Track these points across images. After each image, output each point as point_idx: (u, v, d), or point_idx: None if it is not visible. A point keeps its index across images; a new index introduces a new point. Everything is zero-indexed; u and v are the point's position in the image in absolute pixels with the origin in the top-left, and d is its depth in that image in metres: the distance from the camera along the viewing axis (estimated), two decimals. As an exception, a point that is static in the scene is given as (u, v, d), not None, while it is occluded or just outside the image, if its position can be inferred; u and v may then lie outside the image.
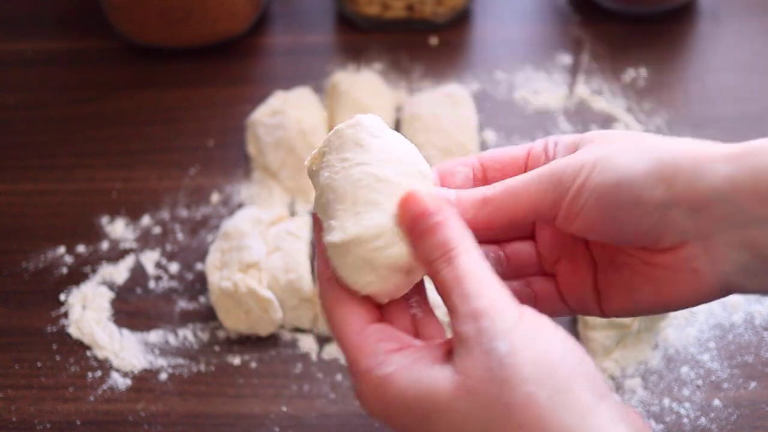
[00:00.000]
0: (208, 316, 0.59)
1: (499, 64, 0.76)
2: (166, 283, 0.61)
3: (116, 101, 0.74)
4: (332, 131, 0.41)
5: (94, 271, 0.62)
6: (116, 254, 0.63)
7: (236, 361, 0.57)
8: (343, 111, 0.67)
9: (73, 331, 0.58)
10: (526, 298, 0.44)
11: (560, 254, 0.44)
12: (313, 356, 0.57)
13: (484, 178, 0.43)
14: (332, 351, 0.57)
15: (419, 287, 0.42)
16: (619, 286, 0.42)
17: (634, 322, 0.55)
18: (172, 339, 0.58)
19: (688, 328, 0.57)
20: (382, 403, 0.37)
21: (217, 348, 0.58)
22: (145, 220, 0.65)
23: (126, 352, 0.57)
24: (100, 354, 0.57)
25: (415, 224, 0.38)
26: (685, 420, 0.53)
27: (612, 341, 0.56)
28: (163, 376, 0.56)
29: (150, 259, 0.62)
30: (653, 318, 0.56)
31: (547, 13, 0.81)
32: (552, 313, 0.42)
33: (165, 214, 0.65)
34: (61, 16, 0.82)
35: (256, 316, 0.57)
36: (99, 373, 0.56)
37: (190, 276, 0.61)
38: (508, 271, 0.45)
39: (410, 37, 0.78)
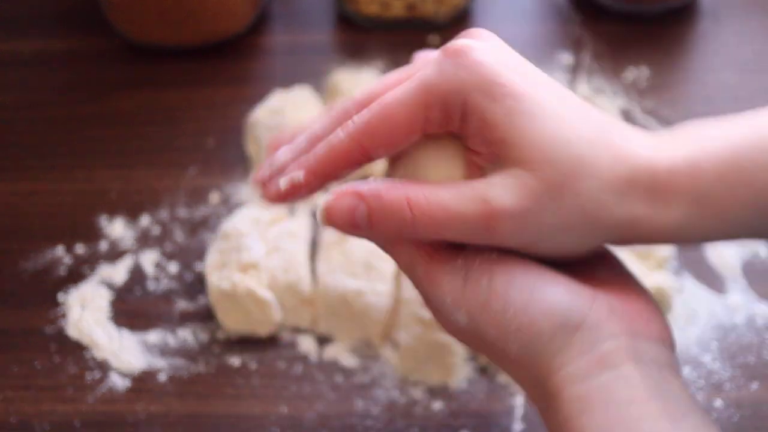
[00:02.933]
0: (207, 316, 0.59)
1: (500, 64, 0.76)
2: (165, 284, 0.61)
3: (116, 101, 0.74)
4: None
5: (92, 271, 0.62)
6: (115, 254, 0.62)
7: (236, 361, 0.57)
8: (343, 110, 0.67)
9: (71, 331, 0.58)
10: None
11: None
12: (313, 357, 0.57)
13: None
14: (332, 352, 0.57)
15: None
16: None
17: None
18: (171, 339, 0.58)
19: (689, 329, 0.57)
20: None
21: (216, 349, 0.57)
22: (144, 220, 0.65)
23: (125, 352, 0.57)
24: (99, 354, 0.57)
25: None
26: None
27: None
28: (162, 376, 0.56)
29: (149, 259, 0.62)
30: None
31: (548, 13, 0.81)
32: None
33: (164, 214, 0.65)
34: (60, 15, 0.82)
35: (256, 317, 0.56)
36: (98, 374, 0.56)
37: (189, 276, 0.61)
38: None
39: (411, 36, 0.78)
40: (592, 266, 0.39)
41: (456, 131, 0.37)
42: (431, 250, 0.38)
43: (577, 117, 0.36)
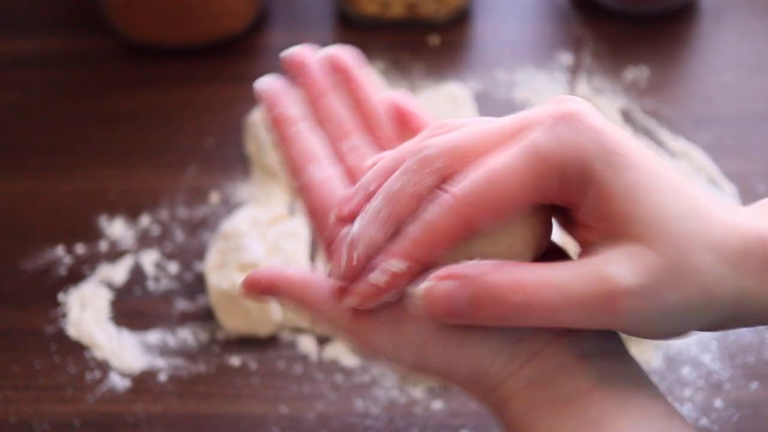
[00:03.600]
0: (207, 316, 0.59)
1: (500, 64, 0.76)
2: (165, 284, 0.61)
3: (115, 101, 0.74)
4: None
5: (92, 271, 0.62)
6: (115, 254, 0.62)
7: (235, 361, 0.57)
8: (342, 110, 0.67)
9: (71, 331, 0.58)
10: None
11: None
12: (313, 357, 0.57)
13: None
14: (332, 352, 0.57)
15: None
16: None
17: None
18: (171, 339, 0.58)
19: (689, 329, 0.57)
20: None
21: (216, 349, 0.57)
22: (144, 219, 0.65)
23: (125, 352, 0.57)
24: (99, 355, 0.57)
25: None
26: (687, 420, 0.53)
27: (613, 342, 0.55)
28: (162, 376, 0.56)
29: (149, 259, 0.62)
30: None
31: (548, 13, 0.81)
32: None
33: (164, 214, 0.65)
34: (60, 15, 0.82)
35: (255, 317, 0.56)
36: (98, 374, 0.56)
37: (189, 276, 0.61)
38: None
39: (410, 36, 0.78)
40: None
41: (570, 203, 0.34)
42: (351, 312, 0.36)
43: (687, 189, 0.34)
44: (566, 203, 0.34)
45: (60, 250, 0.63)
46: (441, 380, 0.38)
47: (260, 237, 0.58)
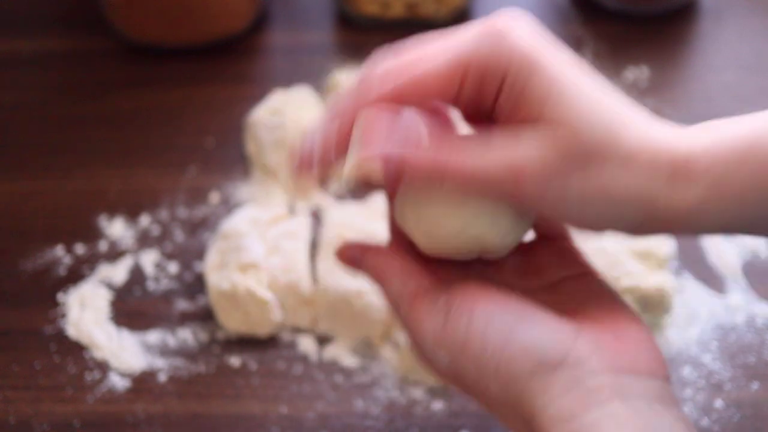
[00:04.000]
0: (207, 316, 0.59)
1: (500, 64, 0.76)
2: (165, 284, 0.61)
3: (115, 101, 0.74)
4: None
5: (92, 271, 0.61)
6: (115, 254, 0.62)
7: (235, 362, 0.57)
8: (343, 110, 0.67)
9: (71, 331, 0.58)
10: None
11: None
12: (313, 357, 0.57)
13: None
14: (332, 352, 0.57)
15: None
16: None
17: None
18: (171, 340, 0.58)
19: (689, 329, 0.57)
20: None
21: (216, 349, 0.57)
22: (144, 220, 0.65)
23: (125, 352, 0.57)
24: (99, 355, 0.57)
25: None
26: (687, 421, 0.53)
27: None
28: (162, 377, 0.56)
29: (149, 259, 0.62)
30: (656, 318, 0.56)
31: (548, 12, 0.81)
32: None
33: (164, 214, 0.65)
34: (60, 15, 0.82)
35: (255, 317, 0.56)
36: (97, 374, 0.56)
37: (189, 276, 0.61)
38: None
39: (411, 36, 0.78)
40: (582, 299, 0.39)
41: (486, 108, 0.37)
42: (416, 289, 0.39)
43: (607, 97, 0.36)
44: (484, 98, 0.37)
45: (60, 250, 0.63)
46: (475, 389, 0.38)
47: (260, 237, 0.58)
